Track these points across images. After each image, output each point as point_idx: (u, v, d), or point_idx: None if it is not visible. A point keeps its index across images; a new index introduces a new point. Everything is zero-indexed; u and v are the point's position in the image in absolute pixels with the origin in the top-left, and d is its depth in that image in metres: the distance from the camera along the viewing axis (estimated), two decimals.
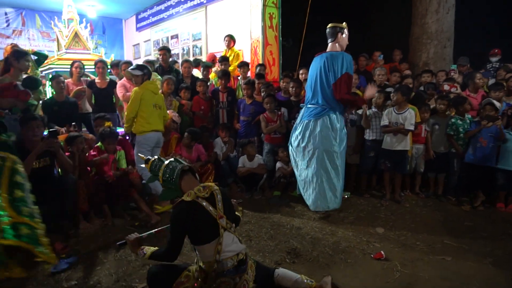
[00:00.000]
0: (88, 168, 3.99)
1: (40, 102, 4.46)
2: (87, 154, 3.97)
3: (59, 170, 3.90)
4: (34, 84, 3.99)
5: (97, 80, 5.37)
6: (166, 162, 2.28)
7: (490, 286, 2.63)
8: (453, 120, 4.53)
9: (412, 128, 4.30)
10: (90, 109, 5.41)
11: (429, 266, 2.92)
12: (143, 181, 4.08)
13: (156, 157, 2.41)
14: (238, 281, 2.14)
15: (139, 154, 3.62)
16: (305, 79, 5.22)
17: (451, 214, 4.13)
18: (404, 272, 2.81)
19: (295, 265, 2.91)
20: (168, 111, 4.79)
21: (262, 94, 5.14)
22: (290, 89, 5.02)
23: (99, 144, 4.10)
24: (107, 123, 4.20)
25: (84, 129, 5.18)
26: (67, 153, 3.75)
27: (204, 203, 2.13)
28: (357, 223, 3.81)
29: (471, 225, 3.81)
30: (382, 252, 3.06)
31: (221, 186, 2.28)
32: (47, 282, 2.68)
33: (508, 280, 2.72)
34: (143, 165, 3.90)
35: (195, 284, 2.16)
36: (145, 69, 4.08)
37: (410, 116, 4.31)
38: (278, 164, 4.78)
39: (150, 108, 4.08)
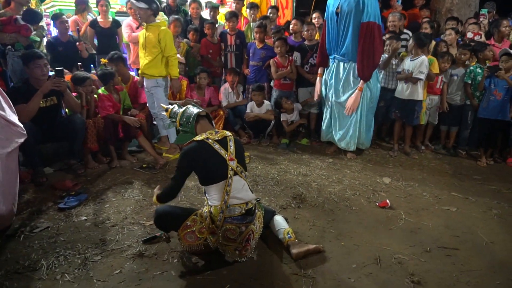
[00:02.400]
0: (96, 110, 3.95)
1: (44, 39, 4.34)
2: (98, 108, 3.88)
3: (66, 110, 3.89)
4: (34, 17, 3.84)
5: (99, 19, 5.13)
6: (184, 108, 2.37)
7: (493, 236, 2.64)
8: (472, 67, 4.30)
9: (421, 77, 4.08)
10: (93, 50, 5.23)
11: (434, 215, 2.93)
12: (165, 127, 4.12)
13: (175, 105, 2.47)
14: (243, 230, 2.15)
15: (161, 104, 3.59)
16: (320, 25, 4.97)
17: (460, 167, 4.09)
18: (408, 221, 2.82)
19: (300, 209, 2.94)
20: None
21: (273, 38, 4.91)
22: (305, 32, 4.73)
23: (101, 90, 3.95)
24: (103, 60, 4.07)
25: (93, 71, 5.07)
26: (74, 93, 3.71)
27: (216, 145, 2.16)
28: (364, 173, 3.79)
29: (480, 178, 3.78)
30: (388, 201, 3.06)
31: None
32: (58, 217, 2.75)
33: (511, 232, 2.72)
34: (163, 113, 3.96)
35: (201, 229, 2.19)
36: (153, 4, 3.76)
37: (420, 64, 4.08)
38: (283, 117, 4.66)
39: None
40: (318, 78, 4.33)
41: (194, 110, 2.32)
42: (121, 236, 2.51)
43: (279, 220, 2.44)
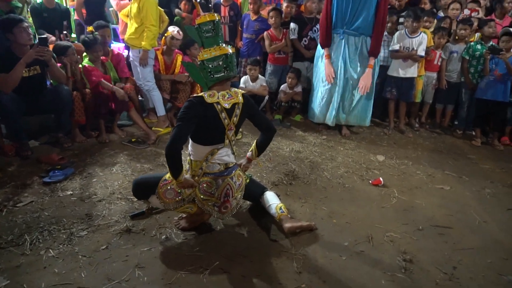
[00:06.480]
0: (83, 81, 3.79)
1: (26, 6, 4.11)
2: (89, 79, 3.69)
3: (51, 81, 3.73)
4: None
5: None
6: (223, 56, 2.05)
7: (486, 215, 2.62)
8: (472, 43, 4.19)
9: (423, 54, 4.04)
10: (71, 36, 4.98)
11: (427, 194, 2.90)
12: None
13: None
14: (220, 184, 2.11)
15: None
16: None
17: (454, 146, 4.06)
18: (401, 199, 2.79)
19: (292, 186, 2.89)
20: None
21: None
22: (311, 4, 4.44)
23: (86, 61, 3.76)
24: (89, 28, 3.88)
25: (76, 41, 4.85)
26: (58, 64, 3.54)
27: (223, 114, 2.06)
28: (357, 150, 3.74)
29: (474, 157, 3.75)
30: (381, 179, 3.02)
31: None
32: (43, 191, 2.67)
33: (503, 211, 2.71)
34: (147, 82, 3.92)
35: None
36: None
37: (424, 41, 4.02)
38: (283, 87, 4.55)
39: None
40: (326, 60, 3.87)
41: (229, 71, 2.07)
42: (108, 211, 2.44)
43: (270, 196, 2.38)
